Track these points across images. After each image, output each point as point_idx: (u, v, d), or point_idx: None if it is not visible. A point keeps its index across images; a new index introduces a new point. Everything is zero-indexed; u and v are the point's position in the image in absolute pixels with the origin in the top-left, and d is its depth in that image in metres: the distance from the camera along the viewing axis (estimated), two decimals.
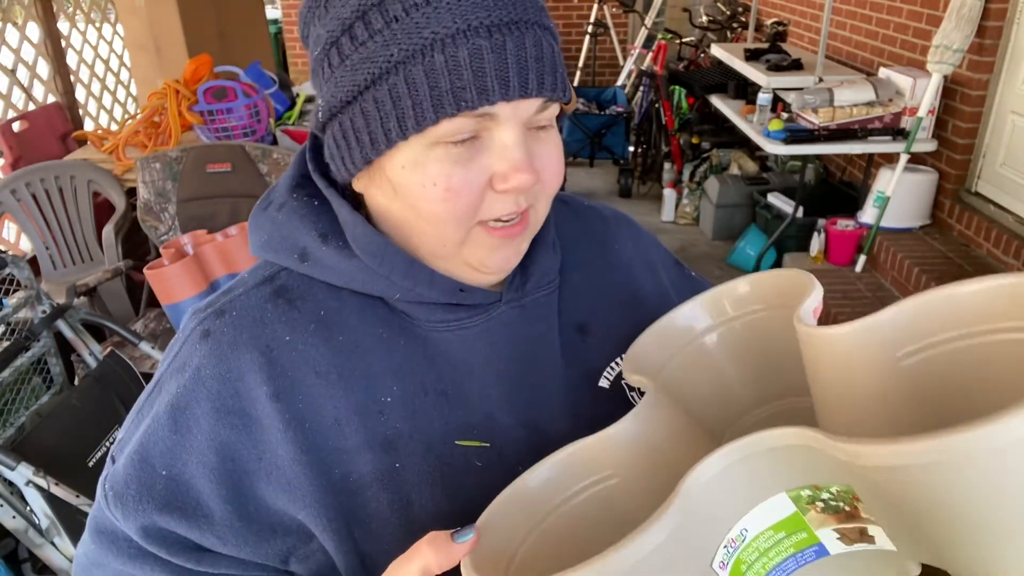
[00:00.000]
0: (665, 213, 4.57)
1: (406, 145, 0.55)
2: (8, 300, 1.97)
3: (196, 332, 0.61)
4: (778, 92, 3.84)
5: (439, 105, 0.52)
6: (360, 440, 0.59)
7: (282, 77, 3.51)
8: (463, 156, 0.55)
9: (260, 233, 0.64)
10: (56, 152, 3.23)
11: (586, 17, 6.52)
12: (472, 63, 0.51)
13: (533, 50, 0.53)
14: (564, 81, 0.56)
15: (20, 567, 1.86)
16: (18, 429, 1.81)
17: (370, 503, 0.59)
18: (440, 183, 0.55)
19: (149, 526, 0.59)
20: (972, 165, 3.41)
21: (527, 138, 0.56)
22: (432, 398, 0.61)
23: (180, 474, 0.58)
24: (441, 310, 0.62)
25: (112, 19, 4.12)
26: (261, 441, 0.58)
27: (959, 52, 3.13)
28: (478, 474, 0.61)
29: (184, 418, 0.58)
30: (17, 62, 3.31)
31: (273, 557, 0.61)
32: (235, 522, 0.59)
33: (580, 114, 4.91)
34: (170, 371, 0.61)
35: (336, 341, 0.60)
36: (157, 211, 2.69)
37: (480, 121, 0.54)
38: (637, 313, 0.71)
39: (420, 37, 0.52)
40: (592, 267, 0.73)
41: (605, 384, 0.68)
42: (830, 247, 3.65)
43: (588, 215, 0.77)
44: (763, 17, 5.48)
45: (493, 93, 0.52)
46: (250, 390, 0.58)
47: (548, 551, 0.52)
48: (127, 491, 0.59)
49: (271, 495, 0.59)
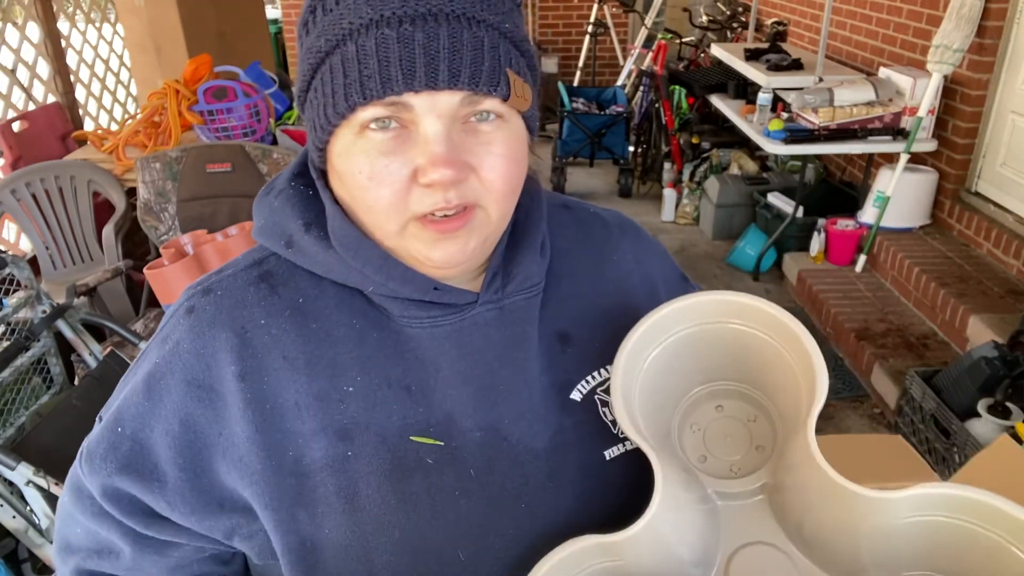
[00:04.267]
0: (665, 213, 4.57)
1: (340, 133, 0.57)
2: (8, 300, 1.97)
3: (183, 307, 0.64)
4: (778, 92, 3.84)
5: (349, 93, 0.54)
6: (317, 425, 0.61)
7: (282, 77, 3.51)
8: (388, 147, 0.56)
9: (259, 218, 0.67)
10: (56, 152, 3.23)
11: (586, 17, 6.52)
12: (378, 52, 0.53)
13: (448, 41, 0.53)
14: (495, 75, 0.55)
15: (20, 567, 1.86)
16: (18, 429, 1.82)
17: (318, 488, 0.61)
18: (364, 171, 0.56)
19: (107, 485, 0.63)
20: (972, 165, 3.41)
21: (458, 132, 0.56)
22: (395, 391, 0.62)
23: (145, 439, 0.62)
24: (415, 306, 0.63)
25: (112, 19, 4.12)
26: (223, 417, 0.61)
27: (959, 52, 3.13)
28: (427, 471, 0.62)
29: (158, 387, 0.62)
30: (17, 62, 3.31)
31: (218, 531, 0.64)
32: (186, 491, 0.61)
33: (580, 114, 4.90)
34: (155, 342, 0.65)
35: (309, 329, 0.62)
36: (157, 211, 2.69)
37: (395, 110, 0.55)
38: (625, 327, 0.71)
39: (340, 28, 0.55)
40: (584, 276, 0.72)
41: (577, 396, 0.67)
42: (830, 247, 3.65)
43: (590, 223, 0.76)
44: (763, 17, 5.48)
45: (397, 83, 0.53)
46: (220, 367, 0.61)
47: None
48: (96, 449, 0.63)
49: (224, 471, 0.61)
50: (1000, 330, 2.65)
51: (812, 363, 0.59)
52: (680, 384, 0.68)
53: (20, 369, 1.88)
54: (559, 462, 0.65)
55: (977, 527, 0.55)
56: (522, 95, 0.58)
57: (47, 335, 1.98)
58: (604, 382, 0.68)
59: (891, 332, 3.09)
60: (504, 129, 0.58)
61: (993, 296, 2.95)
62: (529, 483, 0.64)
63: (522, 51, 0.60)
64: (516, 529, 0.63)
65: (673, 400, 0.68)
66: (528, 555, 0.62)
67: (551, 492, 0.64)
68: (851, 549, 0.59)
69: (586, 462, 0.66)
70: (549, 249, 0.69)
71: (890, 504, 0.56)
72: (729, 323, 0.64)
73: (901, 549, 0.58)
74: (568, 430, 0.66)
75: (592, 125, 4.87)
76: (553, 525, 0.64)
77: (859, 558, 0.59)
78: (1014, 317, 2.72)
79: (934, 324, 3.11)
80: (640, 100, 5.13)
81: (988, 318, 2.78)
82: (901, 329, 3.11)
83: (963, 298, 2.93)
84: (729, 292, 0.64)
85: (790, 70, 3.98)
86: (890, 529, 0.57)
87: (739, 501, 0.65)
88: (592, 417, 0.67)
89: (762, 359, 0.65)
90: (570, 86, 5.35)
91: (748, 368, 0.67)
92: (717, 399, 0.69)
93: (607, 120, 4.89)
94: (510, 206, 0.62)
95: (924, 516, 0.56)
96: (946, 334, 3.03)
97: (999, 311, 2.83)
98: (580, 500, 0.65)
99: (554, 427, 0.66)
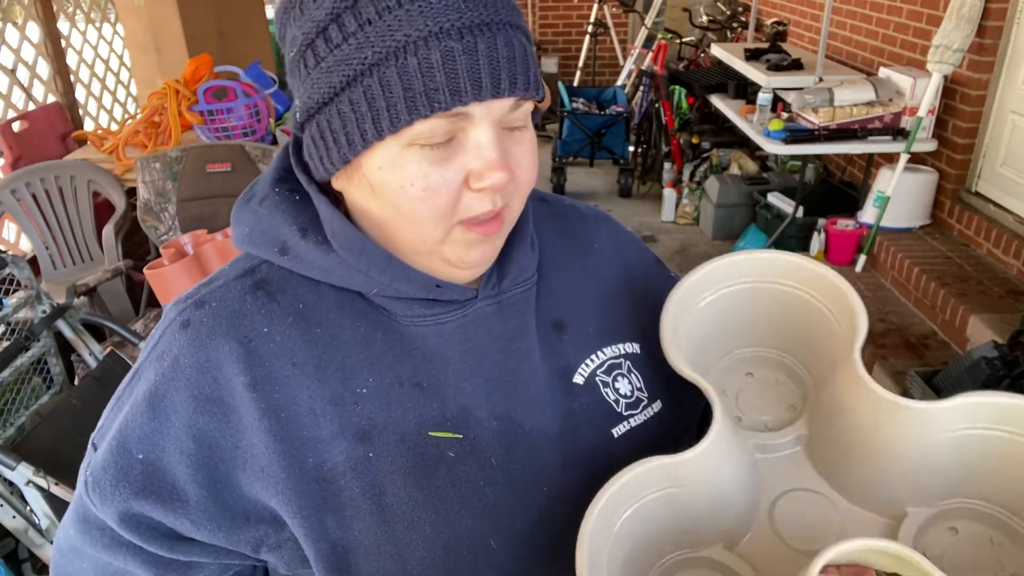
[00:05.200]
0: (665, 213, 4.57)
1: (382, 146, 0.56)
2: (8, 300, 1.97)
3: (176, 322, 0.62)
4: (778, 92, 3.84)
5: (412, 107, 0.53)
6: (335, 429, 0.60)
7: (282, 77, 3.51)
8: (439, 156, 0.56)
9: (242, 226, 0.65)
10: (56, 152, 3.23)
11: (586, 17, 6.52)
12: (445, 65, 0.53)
13: (505, 50, 0.54)
14: (536, 79, 0.58)
15: (20, 567, 1.86)
16: (18, 429, 1.82)
17: (343, 491, 0.60)
18: (418, 183, 0.56)
19: (125, 512, 0.60)
20: (972, 165, 3.41)
21: (502, 137, 0.57)
22: (407, 390, 0.63)
23: (157, 459, 0.60)
24: (418, 305, 0.63)
25: (112, 19, 4.12)
26: (238, 430, 0.60)
27: (959, 52, 3.13)
28: (450, 464, 0.62)
29: (162, 405, 0.60)
30: (17, 62, 3.31)
31: (245, 544, 0.62)
32: (210, 507, 0.60)
33: (580, 114, 4.90)
34: (150, 360, 0.63)
35: (314, 333, 0.62)
36: (157, 211, 2.69)
37: (455, 122, 0.55)
38: (613, 311, 0.74)
39: (393, 40, 0.53)
40: (570, 265, 0.74)
41: (580, 380, 0.69)
42: (830, 247, 3.65)
43: (568, 214, 0.79)
44: (763, 17, 5.48)
45: (466, 94, 0.53)
46: (228, 379, 0.60)
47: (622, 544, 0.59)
48: (104, 476, 0.61)
49: (246, 483, 0.60)
50: (1000, 330, 2.65)
51: (851, 305, 0.64)
52: (724, 343, 0.72)
53: (20, 369, 1.88)
54: (572, 444, 0.67)
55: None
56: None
57: (47, 335, 1.98)
58: (603, 364, 0.71)
59: (891, 332, 3.09)
60: (528, 131, 0.61)
61: (993, 296, 2.95)
62: (547, 467, 0.65)
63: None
64: (540, 513, 0.65)
65: (714, 358, 0.72)
66: (555, 538, 0.64)
67: (569, 474, 0.66)
68: (889, 485, 0.61)
69: (596, 442, 0.68)
70: (536, 243, 0.71)
71: (939, 415, 0.57)
72: (781, 283, 0.69)
73: (941, 473, 0.59)
74: (576, 413, 0.68)
75: (592, 125, 4.87)
76: (574, 506, 0.64)
77: (896, 495, 0.61)
78: (1014, 317, 2.72)
79: (934, 324, 3.11)
80: (640, 100, 5.13)
81: (988, 318, 2.78)
82: (901, 329, 3.11)
83: (963, 298, 2.93)
84: (785, 252, 0.68)
85: (790, 70, 3.98)
86: (934, 448, 0.58)
87: (776, 454, 0.69)
88: (596, 398, 0.69)
89: (802, 318, 0.69)
90: (570, 86, 5.35)
91: (785, 328, 0.70)
92: (747, 366, 0.73)
93: (607, 120, 4.89)
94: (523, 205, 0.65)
95: (971, 429, 0.57)
96: (946, 334, 3.03)
97: (999, 311, 2.83)
98: (595, 478, 0.66)
99: (562, 412, 0.67)
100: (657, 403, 0.73)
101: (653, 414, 0.72)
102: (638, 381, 0.72)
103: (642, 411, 0.71)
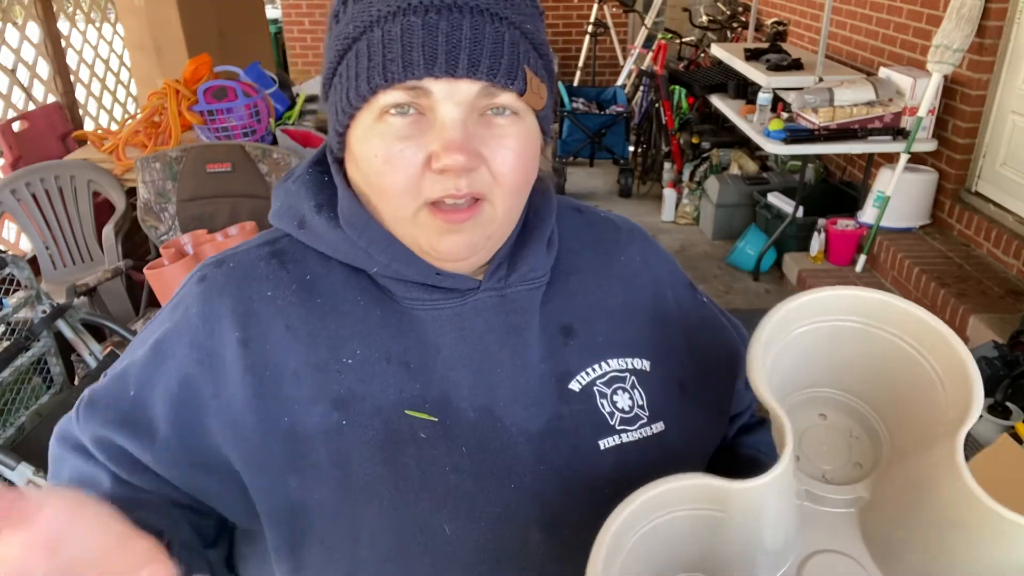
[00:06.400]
0: (665, 213, 4.57)
1: (360, 117, 0.60)
2: (8, 300, 1.97)
3: (196, 276, 0.68)
4: (778, 92, 3.84)
5: (372, 76, 0.57)
6: (314, 393, 0.63)
7: (282, 77, 3.51)
8: (406, 132, 0.58)
9: (276, 201, 0.70)
10: (56, 152, 3.23)
11: (586, 17, 6.52)
12: (403, 38, 0.56)
13: (470, 32, 0.56)
14: (513, 70, 0.58)
15: None
16: (18, 429, 1.82)
17: (311, 454, 0.62)
18: (380, 155, 0.59)
19: (101, 436, 0.65)
20: (972, 165, 3.41)
21: (474, 123, 0.59)
22: (394, 367, 0.64)
23: (146, 397, 0.64)
24: (418, 289, 0.65)
25: (112, 19, 4.12)
26: (223, 381, 0.63)
27: (959, 52, 3.13)
28: (420, 445, 0.63)
29: (164, 348, 0.65)
30: (17, 62, 3.31)
31: (197, 490, 0.65)
32: (174, 445, 0.63)
33: (580, 114, 4.90)
34: (168, 308, 0.68)
35: (314, 303, 0.65)
36: (157, 211, 2.69)
37: (415, 95, 0.57)
38: (628, 325, 0.73)
39: (368, 15, 0.58)
40: (592, 274, 0.74)
41: (576, 387, 0.69)
42: (830, 247, 3.65)
43: (601, 226, 0.79)
44: (763, 17, 5.48)
45: (418, 67, 0.56)
46: (223, 333, 0.63)
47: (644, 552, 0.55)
48: (102, 398, 0.66)
49: (213, 431, 0.63)
50: (1000, 330, 2.65)
51: (967, 375, 0.56)
52: (806, 377, 0.67)
53: (20, 369, 1.88)
54: (551, 447, 0.66)
55: None
56: (537, 93, 0.61)
57: (47, 335, 1.98)
58: (604, 375, 0.70)
59: None
60: (518, 125, 0.61)
61: (993, 296, 2.95)
62: (520, 464, 0.65)
63: (540, 53, 0.63)
64: (504, 508, 0.64)
65: (791, 390, 0.67)
66: (515, 535, 0.64)
67: (540, 475, 0.65)
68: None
69: (579, 449, 0.67)
70: (557, 245, 0.72)
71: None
72: (886, 330, 0.62)
73: None
74: (564, 418, 0.68)
75: (592, 125, 4.87)
76: (539, 507, 0.65)
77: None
78: (1014, 317, 2.72)
79: None
80: (640, 100, 5.13)
81: (988, 318, 2.78)
82: None
83: (963, 298, 2.93)
84: (898, 297, 0.61)
85: (790, 70, 3.98)
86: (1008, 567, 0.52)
87: (827, 508, 0.64)
88: (589, 408, 0.69)
89: (902, 375, 0.62)
90: (570, 86, 5.35)
91: (877, 380, 0.64)
92: (823, 407, 0.68)
93: (607, 120, 4.89)
94: (517, 204, 0.65)
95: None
96: None
97: (999, 311, 2.83)
98: (568, 484, 0.66)
99: (549, 413, 0.67)
100: (659, 424, 0.71)
101: (652, 434, 0.70)
102: (641, 399, 0.70)
103: (639, 429, 0.69)
